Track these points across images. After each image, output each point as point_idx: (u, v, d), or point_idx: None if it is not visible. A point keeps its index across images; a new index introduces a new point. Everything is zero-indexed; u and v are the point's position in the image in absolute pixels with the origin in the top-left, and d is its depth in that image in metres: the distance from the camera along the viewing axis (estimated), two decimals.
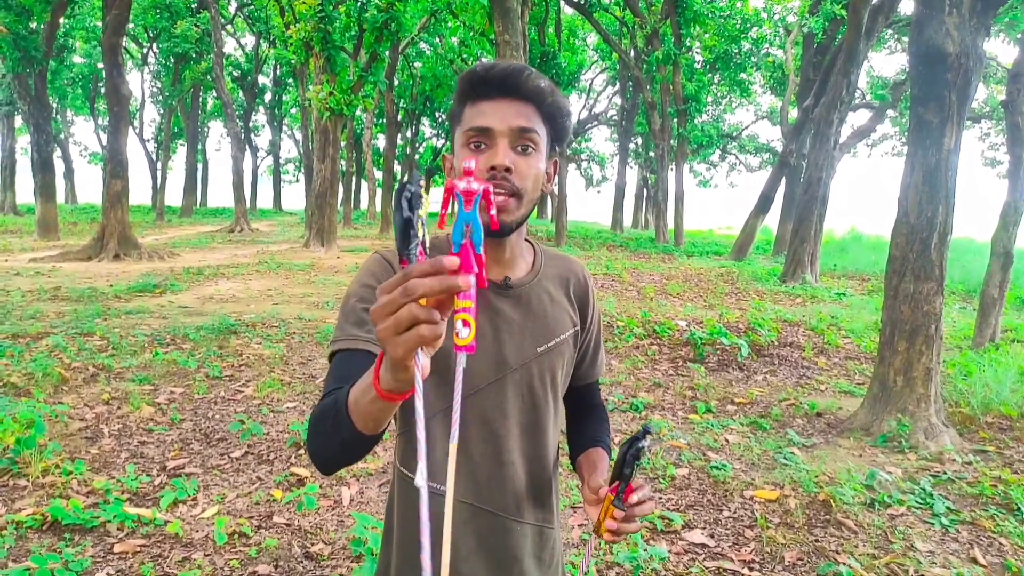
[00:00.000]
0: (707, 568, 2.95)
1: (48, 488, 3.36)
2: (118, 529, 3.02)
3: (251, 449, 4.07)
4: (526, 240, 1.23)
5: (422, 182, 0.72)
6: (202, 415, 4.61)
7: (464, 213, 0.71)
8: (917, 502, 3.65)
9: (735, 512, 3.52)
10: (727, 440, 4.58)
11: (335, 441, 0.90)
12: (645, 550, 2.95)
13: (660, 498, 3.66)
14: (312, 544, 3.01)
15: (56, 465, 3.58)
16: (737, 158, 39.30)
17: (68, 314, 7.64)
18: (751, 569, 2.98)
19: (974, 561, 3.09)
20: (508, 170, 1.02)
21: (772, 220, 20.80)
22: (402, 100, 33.16)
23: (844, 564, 2.95)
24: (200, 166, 37.76)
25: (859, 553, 3.10)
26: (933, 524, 3.43)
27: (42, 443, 3.73)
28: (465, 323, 0.67)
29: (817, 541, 3.21)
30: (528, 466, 1.15)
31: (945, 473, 4.06)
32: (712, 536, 3.26)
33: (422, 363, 0.69)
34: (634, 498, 1.02)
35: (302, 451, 4.06)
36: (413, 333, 0.65)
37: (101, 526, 3.02)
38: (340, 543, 3.04)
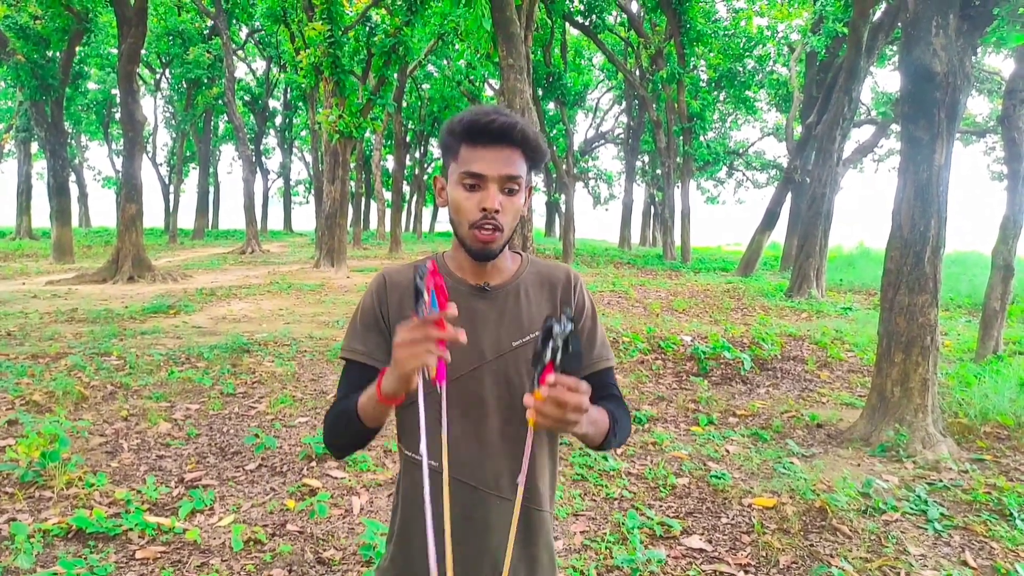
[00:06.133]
0: (704, 571, 3.06)
1: (72, 499, 3.51)
2: (139, 537, 3.16)
3: (265, 462, 4.21)
4: (517, 253, 1.43)
5: (428, 264, 1.13)
6: (217, 430, 4.77)
7: (434, 303, 1.10)
8: (911, 508, 3.75)
9: (733, 519, 3.63)
10: (727, 451, 4.69)
11: (348, 435, 1.28)
12: (643, 553, 3.07)
13: (660, 506, 3.77)
14: (324, 550, 3.15)
15: (79, 477, 3.74)
16: (744, 175, 39.42)
17: (85, 335, 7.84)
18: (747, 572, 3.08)
19: (965, 564, 3.18)
20: (496, 211, 1.23)
21: (781, 236, 20.92)
22: (410, 121, 33.60)
23: (837, 567, 3.05)
24: (212, 189, 38.26)
25: (852, 557, 3.20)
26: (926, 529, 3.52)
27: (65, 457, 3.89)
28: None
29: (812, 546, 3.31)
30: (508, 447, 1.29)
31: (941, 481, 4.15)
32: (710, 541, 3.36)
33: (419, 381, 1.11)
34: (550, 379, 1.05)
35: (314, 463, 4.20)
36: (415, 360, 1.05)
37: (123, 534, 3.17)
38: (351, 549, 3.17)
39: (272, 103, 38.12)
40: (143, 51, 17.14)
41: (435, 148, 39.83)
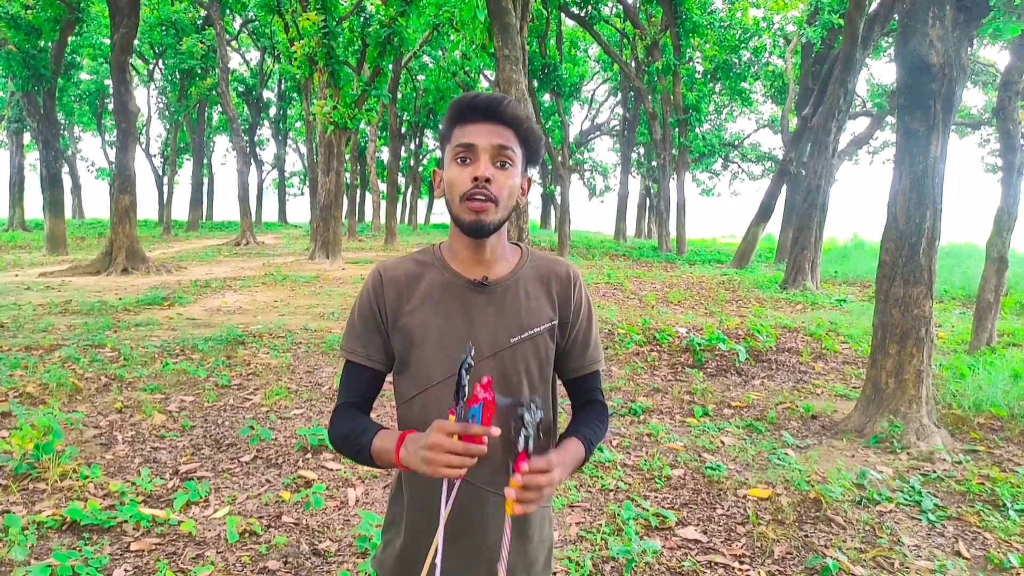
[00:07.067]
0: (699, 562, 3.07)
1: (66, 491, 3.50)
2: (134, 529, 3.15)
3: (260, 453, 4.20)
4: (516, 244, 1.40)
5: (473, 351, 1.13)
6: (212, 422, 4.76)
7: (473, 408, 1.12)
8: (905, 499, 3.76)
9: (728, 510, 3.64)
10: (723, 442, 4.70)
11: (357, 459, 1.30)
12: (638, 544, 3.07)
13: (655, 497, 3.78)
14: (320, 542, 3.14)
15: (73, 470, 3.72)
16: (739, 167, 39.34)
17: (79, 327, 7.81)
18: (741, 563, 3.09)
19: (958, 554, 3.20)
20: (488, 180, 1.21)
21: (776, 228, 20.93)
22: (405, 113, 33.46)
23: (831, 558, 3.06)
24: (206, 180, 38.00)
25: (847, 547, 3.21)
26: (920, 520, 3.54)
27: (59, 449, 3.87)
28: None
29: (806, 536, 3.33)
30: (504, 444, 1.28)
31: (935, 472, 4.17)
32: (705, 532, 3.37)
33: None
34: (524, 467, 1.09)
35: (309, 455, 4.19)
36: (449, 471, 1.06)
37: (118, 526, 3.16)
38: (347, 540, 3.17)
39: (266, 94, 37.88)
40: (136, 41, 17.02)
41: (430, 140, 39.76)
